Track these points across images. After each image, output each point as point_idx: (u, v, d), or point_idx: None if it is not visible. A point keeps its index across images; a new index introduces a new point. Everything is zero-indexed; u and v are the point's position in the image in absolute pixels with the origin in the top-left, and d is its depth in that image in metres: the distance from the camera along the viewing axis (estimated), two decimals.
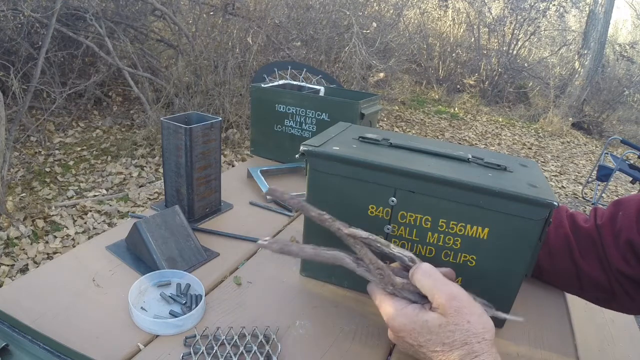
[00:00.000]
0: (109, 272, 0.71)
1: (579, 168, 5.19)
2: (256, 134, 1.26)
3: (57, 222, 2.49)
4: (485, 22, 7.92)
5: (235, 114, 3.89)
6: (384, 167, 0.61)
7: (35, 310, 0.60)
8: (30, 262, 2.15)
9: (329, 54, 5.09)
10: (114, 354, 0.55)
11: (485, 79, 8.00)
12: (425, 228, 0.62)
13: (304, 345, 0.60)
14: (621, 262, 0.67)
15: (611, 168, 3.88)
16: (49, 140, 3.50)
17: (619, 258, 0.67)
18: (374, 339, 0.63)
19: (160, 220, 0.75)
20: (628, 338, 0.77)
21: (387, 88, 6.59)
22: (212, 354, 0.56)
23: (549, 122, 6.82)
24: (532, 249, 0.58)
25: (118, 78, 4.35)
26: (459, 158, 0.66)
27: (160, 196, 2.88)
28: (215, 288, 0.70)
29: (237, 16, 4.26)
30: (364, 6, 5.60)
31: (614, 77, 8.14)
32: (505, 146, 5.54)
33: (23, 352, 0.49)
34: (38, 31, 3.73)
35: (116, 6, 4.09)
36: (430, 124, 5.92)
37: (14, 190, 2.76)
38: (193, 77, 3.91)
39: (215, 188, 0.92)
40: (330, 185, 0.64)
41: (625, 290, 0.68)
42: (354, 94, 1.42)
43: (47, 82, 3.54)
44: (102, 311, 0.62)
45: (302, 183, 1.12)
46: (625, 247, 0.66)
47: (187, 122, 0.85)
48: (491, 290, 0.60)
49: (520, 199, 0.56)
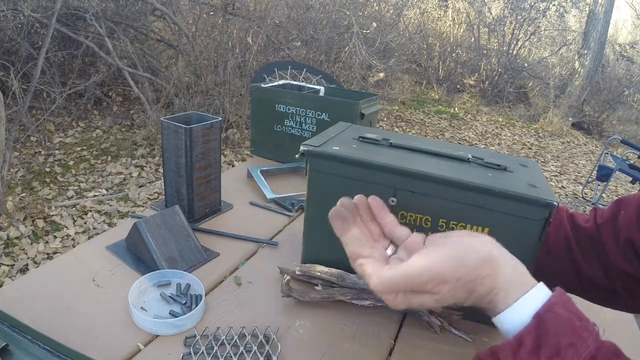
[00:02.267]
0: (109, 272, 0.71)
1: (579, 168, 5.19)
2: (256, 134, 1.26)
3: (57, 222, 2.49)
4: (485, 22, 7.92)
5: (235, 114, 3.89)
6: (384, 167, 0.61)
7: (35, 310, 0.60)
8: (30, 262, 2.14)
9: (329, 54, 5.09)
10: (114, 354, 0.55)
11: (485, 79, 8.00)
12: (425, 228, 0.62)
13: (304, 345, 0.60)
14: (622, 261, 0.67)
15: (611, 168, 3.88)
16: (49, 140, 3.50)
17: (620, 256, 0.67)
18: (374, 339, 0.63)
19: (160, 220, 0.75)
20: (628, 338, 0.77)
21: (387, 88, 6.59)
22: (212, 354, 0.56)
23: (549, 122, 6.81)
24: (533, 248, 0.58)
25: (118, 78, 4.34)
26: (459, 158, 0.66)
27: (160, 196, 2.88)
28: (215, 288, 0.70)
29: (237, 16, 4.26)
30: (364, 6, 5.60)
31: (614, 77, 8.14)
32: (505, 146, 5.54)
33: (23, 352, 0.49)
34: (38, 31, 3.73)
35: (116, 6, 4.09)
36: (430, 124, 5.92)
37: (14, 190, 2.76)
38: (193, 77, 3.91)
39: (215, 188, 0.92)
40: (330, 185, 0.64)
41: (627, 289, 0.68)
42: (354, 94, 1.42)
43: (47, 82, 3.54)
44: (102, 311, 0.62)
45: (302, 183, 1.12)
46: (626, 245, 0.66)
47: (187, 122, 0.85)
48: None
49: (520, 199, 0.56)
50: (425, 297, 0.46)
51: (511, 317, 0.44)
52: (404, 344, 0.63)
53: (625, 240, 0.66)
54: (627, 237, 0.66)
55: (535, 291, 0.45)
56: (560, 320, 0.42)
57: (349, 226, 0.52)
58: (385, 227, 0.54)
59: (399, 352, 0.61)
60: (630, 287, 0.68)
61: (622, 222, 0.67)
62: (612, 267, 0.69)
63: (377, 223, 0.55)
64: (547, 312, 0.43)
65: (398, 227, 0.54)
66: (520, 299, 0.44)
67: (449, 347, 0.62)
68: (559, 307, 0.43)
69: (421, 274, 0.44)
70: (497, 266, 0.45)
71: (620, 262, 0.67)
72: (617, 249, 0.67)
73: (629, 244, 0.66)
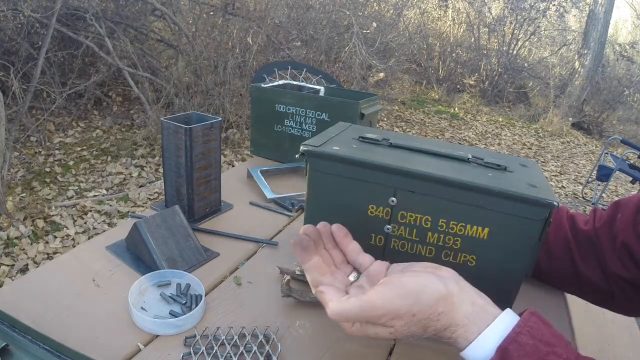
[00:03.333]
0: (109, 272, 0.71)
1: (579, 168, 5.19)
2: (256, 134, 1.26)
3: (57, 222, 2.49)
4: (485, 22, 7.91)
5: (235, 114, 3.89)
6: (384, 167, 0.61)
7: (35, 310, 0.60)
8: (30, 262, 2.15)
9: (329, 54, 5.09)
10: (114, 354, 0.55)
11: (485, 79, 8.00)
12: (425, 228, 0.62)
13: (304, 345, 0.60)
14: (618, 266, 0.67)
15: (611, 168, 3.88)
16: (49, 140, 3.50)
17: (616, 261, 0.67)
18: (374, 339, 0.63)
19: (160, 220, 0.75)
20: (628, 338, 0.77)
21: (387, 88, 6.59)
22: (212, 354, 0.56)
23: (549, 122, 6.81)
24: (532, 249, 0.58)
25: (118, 78, 4.34)
26: (459, 158, 0.66)
27: (160, 196, 2.88)
28: (215, 288, 0.70)
29: (237, 16, 4.26)
30: (364, 6, 5.60)
31: (614, 77, 8.13)
32: (505, 146, 5.54)
33: (23, 352, 0.49)
34: (38, 31, 3.73)
35: (116, 6, 4.09)
36: (430, 124, 5.92)
37: (14, 190, 2.76)
38: (193, 77, 3.91)
39: (215, 188, 0.92)
40: (330, 185, 0.64)
41: (623, 293, 0.68)
42: (354, 94, 1.42)
43: (47, 82, 3.54)
44: (102, 311, 0.62)
45: (302, 183, 1.12)
46: (622, 250, 0.66)
47: (187, 122, 0.85)
48: (491, 290, 0.59)
49: (520, 199, 0.56)
50: (380, 329, 0.47)
51: (476, 352, 0.44)
52: (404, 344, 0.63)
53: (622, 244, 0.66)
54: (623, 241, 0.65)
55: (499, 322, 0.44)
56: (525, 350, 0.41)
57: (310, 255, 0.53)
58: (348, 255, 0.56)
59: (399, 352, 0.61)
60: (627, 292, 0.68)
61: (619, 225, 0.67)
62: (609, 271, 0.69)
63: (340, 250, 0.56)
64: (511, 343, 0.42)
65: (361, 255, 0.55)
66: (483, 332, 0.44)
67: (449, 347, 0.62)
68: (523, 336, 0.42)
69: (375, 308, 0.45)
70: (454, 303, 0.45)
71: (616, 267, 0.67)
72: (614, 253, 0.67)
73: (625, 248, 0.65)
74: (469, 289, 0.48)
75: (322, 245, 0.55)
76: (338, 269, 0.55)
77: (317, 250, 0.54)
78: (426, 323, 0.45)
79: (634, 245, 0.64)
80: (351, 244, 0.56)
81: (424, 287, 0.45)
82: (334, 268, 0.55)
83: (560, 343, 0.43)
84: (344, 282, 0.54)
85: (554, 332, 0.44)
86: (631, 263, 0.65)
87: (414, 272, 0.49)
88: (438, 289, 0.45)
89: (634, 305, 0.70)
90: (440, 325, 0.45)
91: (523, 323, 0.43)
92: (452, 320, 0.45)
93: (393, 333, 0.46)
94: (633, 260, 0.65)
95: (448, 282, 0.47)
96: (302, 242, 0.53)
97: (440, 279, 0.47)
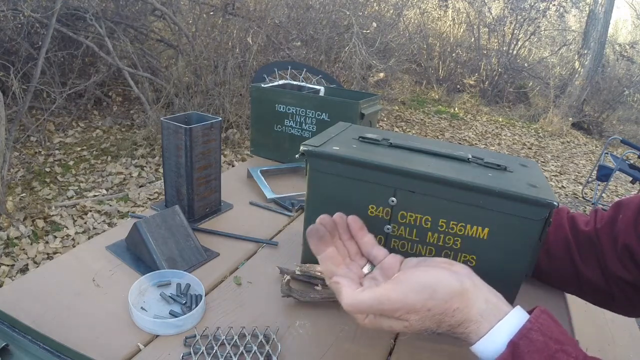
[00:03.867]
0: (109, 272, 0.71)
1: (579, 168, 5.19)
2: (256, 134, 1.26)
3: (57, 222, 2.49)
4: (485, 22, 7.91)
5: (235, 114, 3.89)
6: (384, 167, 0.61)
7: (35, 310, 0.60)
8: (30, 262, 2.15)
9: (329, 54, 5.08)
10: (114, 354, 0.55)
11: (485, 79, 8.00)
12: (425, 228, 0.62)
13: (304, 345, 0.60)
14: (619, 267, 0.66)
15: (611, 168, 3.88)
16: (49, 140, 3.50)
17: (617, 263, 0.67)
18: (374, 339, 0.63)
19: (160, 220, 0.75)
20: (628, 338, 0.77)
21: (387, 88, 6.59)
22: (212, 354, 0.56)
23: (549, 122, 6.81)
24: (532, 248, 0.58)
25: (118, 78, 4.34)
26: (459, 158, 0.66)
27: (160, 196, 2.88)
28: (215, 288, 0.70)
29: (237, 16, 4.25)
30: (364, 6, 5.60)
31: (614, 77, 8.13)
32: (505, 146, 5.54)
33: (23, 352, 0.49)
34: (38, 31, 3.73)
35: (116, 6, 4.09)
36: (430, 124, 5.92)
37: (14, 190, 2.76)
38: (193, 77, 3.91)
39: (215, 188, 0.92)
40: (330, 185, 0.64)
41: (623, 294, 0.68)
42: (354, 94, 1.42)
43: (47, 82, 3.54)
44: (102, 311, 0.62)
45: (302, 183, 1.12)
46: (623, 251, 0.66)
47: (187, 122, 0.85)
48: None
49: (520, 199, 0.56)
50: (395, 322, 0.47)
51: (487, 346, 0.45)
52: (404, 344, 0.63)
53: (623, 246, 0.66)
54: (625, 242, 0.65)
55: (510, 317, 0.45)
56: (535, 346, 0.42)
57: (326, 245, 0.53)
58: (363, 247, 0.56)
59: (399, 352, 0.61)
60: (627, 293, 0.68)
61: (620, 226, 0.67)
62: (609, 272, 0.68)
63: (355, 242, 0.56)
64: (522, 339, 0.42)
65: (375, 247, 0.55)
66: (495, 327, 0.44)
67: (449, 347, 0.62)
68: (534, 332, 0.43)
69: (392, 301, 0.45)
70: (469, 299, 0.46)
71: (617, 268, 0.67)
72: (615, 254, 0.67)
73: (626, 249, 0.65)
74: (482, 285, 0.48)
75: (338, 236, 0.55)
76: (352, 261, 0.55)
77: (332, 240, 0.54)
78: (441, 318, 0.46)
79: (635, 247, 0.64)
80: (366, 236, 0.56)
81: (438, 282, 0.46)
82: (349, 260, 0.55)
83: (569, 342, 0.43)
84: (358, 273, 0.53)
85: (563, 330, 0.44)
86: (632, 264, 0.65)
87: (428, 267, 0.49)
88: (452, 284, 0.46)
89: (634, 306, 0.70)
90: (454, 321, 0.46)
91: (534, 320, 0.44)
92: (466, 317, 0.45)
93: (407, 327, 0.46)
94: (634, 261, 0.65)
95: (463, 278, 0.47)
96: (319, 232, 0.52)
97: (455, 274, 0.47)
